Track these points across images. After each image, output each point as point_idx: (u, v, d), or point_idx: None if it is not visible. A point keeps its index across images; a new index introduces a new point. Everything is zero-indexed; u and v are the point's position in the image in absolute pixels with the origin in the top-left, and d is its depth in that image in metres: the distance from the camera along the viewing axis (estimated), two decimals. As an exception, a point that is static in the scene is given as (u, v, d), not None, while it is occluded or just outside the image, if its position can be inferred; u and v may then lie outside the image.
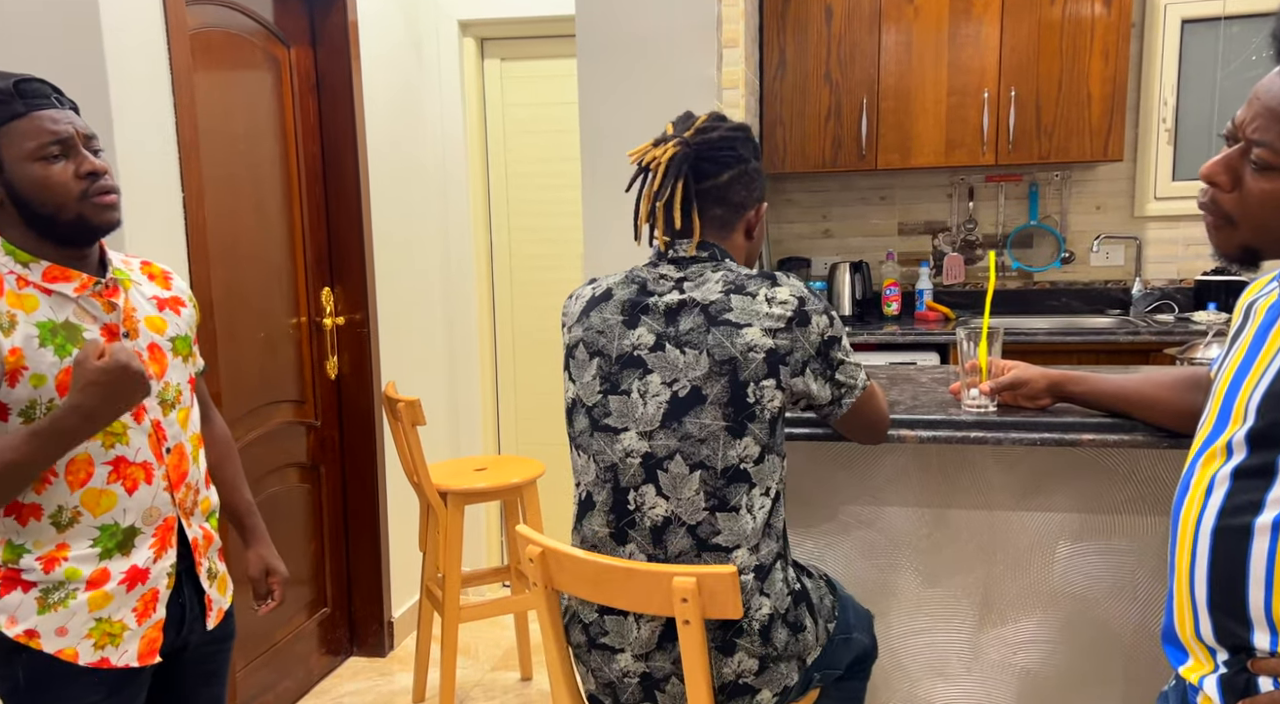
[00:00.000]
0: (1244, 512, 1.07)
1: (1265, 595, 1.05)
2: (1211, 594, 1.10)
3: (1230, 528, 1.08)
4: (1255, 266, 1.15)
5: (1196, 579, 1.11)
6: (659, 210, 1.50)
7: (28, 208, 1.37)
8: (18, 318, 1.35)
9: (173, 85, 2.28)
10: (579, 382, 1.51)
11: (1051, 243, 3.89)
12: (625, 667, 1.47)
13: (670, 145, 1.49)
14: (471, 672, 3.18)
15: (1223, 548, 1.08)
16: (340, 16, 3.03)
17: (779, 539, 1.48)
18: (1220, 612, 1.09)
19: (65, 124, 1.39)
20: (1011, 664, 1.91)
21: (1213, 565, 1.09)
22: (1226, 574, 1.08)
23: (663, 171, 1.48)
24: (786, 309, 1.43)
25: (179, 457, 1.53)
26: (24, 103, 1.36)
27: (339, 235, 3.13)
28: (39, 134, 1.36)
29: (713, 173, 1.51)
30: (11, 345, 1.33)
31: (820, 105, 3.66)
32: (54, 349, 1.37)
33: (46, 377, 1.36)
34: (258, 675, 2.79)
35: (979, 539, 1.88)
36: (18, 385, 1.34)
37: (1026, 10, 3.47)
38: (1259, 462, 1.06)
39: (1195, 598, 1.12)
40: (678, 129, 1.53)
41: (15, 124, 1.35)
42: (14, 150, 1.36)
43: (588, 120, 2.18)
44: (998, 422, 1.67)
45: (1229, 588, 1.08)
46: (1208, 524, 1.10)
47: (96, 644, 1.43)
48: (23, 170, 1.36)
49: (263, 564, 1.75)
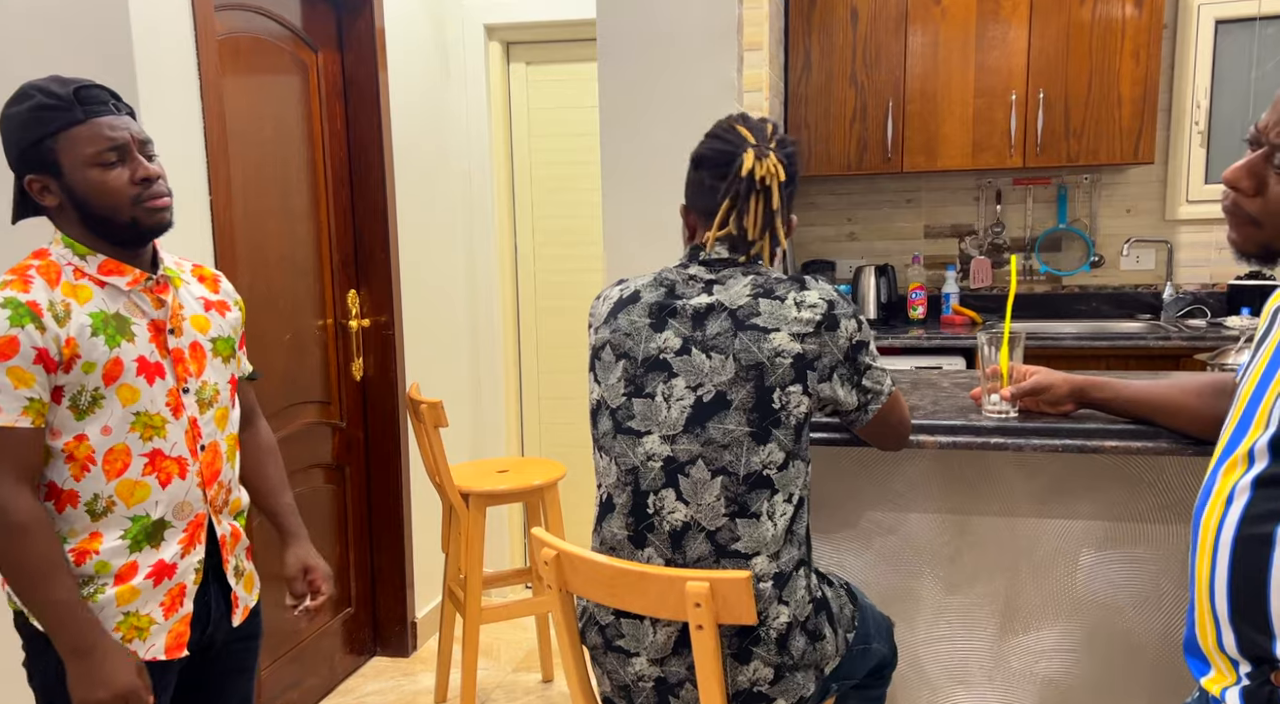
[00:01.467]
0: (1265, 520, 1.05)
1: None
2: (1233, 605, 1.08)
3: (1251, 537, 1.06)
4: (1275, 263, 1.14)
5: (1217, 590, 1.09)
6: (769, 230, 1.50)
7: (85, 209, 1.43)
8: (71, 307, 1.40)
9: (201, 90, 2.32)
10: (604, 383, 1.51)
11: (1080, 246, 3.85)
12: (640, 671, 1.47)
13: (774, 158, 1.48)
14: (493, 673, 3.19)
15: (1244, 557, 1.07)
16: (368, 21, 3.05)
17: (801, 546, 1.47)
18: (1242, 622, 1.08)
19: (122, 130, 1.44)
20: (1034, 673, 1.89)
21: (1233, 575, 1.08)
22: (1248, 584, 1.06)
23: (778, 190, 1.48)
24: (816, 313, 1.42)
25: (213, 454, 1.56)
26: (84, 109, 1.41)
27: (365, 238, 3.16)
28: (97, 141, 1.41)
29: (788, 185, 1.51)
30: (68, 335, 1.38)
31: (845, 107, 3.64)
32: (105, 339, 1.42)
33: (96, 365, 1.41)
34: (283, 673, 2.82)
35: (1001, 547, 1.86)
36: (72, 371, 1.40)
37: (1055, 11, 3.43)
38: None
39: (1216, 609, 1.10)
40: (759, 137, 1.50)
41: (75, 130, 1.40)
42: (73, 155, 1.41)
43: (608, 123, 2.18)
44: (1018, 428, 1.65)
45: (1251, 598, 1.06)
46: (1228, 533, 1.08)
47: (124, 638, 1.46)
48: (81, 175, 1.41)
49: (301, 563, 1.74)
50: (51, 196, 1.43)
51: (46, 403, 1.38)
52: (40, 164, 1.41)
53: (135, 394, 1.45)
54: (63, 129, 1.40)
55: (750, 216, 1.48)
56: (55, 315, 1.38)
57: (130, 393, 1.44)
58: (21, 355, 1.34)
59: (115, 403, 1.43)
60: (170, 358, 1.51)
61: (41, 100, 1.39)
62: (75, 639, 1.39)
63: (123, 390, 1.43)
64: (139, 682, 1.42)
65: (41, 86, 1.41)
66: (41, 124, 1.39)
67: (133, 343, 1.45)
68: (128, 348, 1.44)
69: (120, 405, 1.43)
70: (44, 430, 1.39)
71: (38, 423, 1.38)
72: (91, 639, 1.40)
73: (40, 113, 1.39)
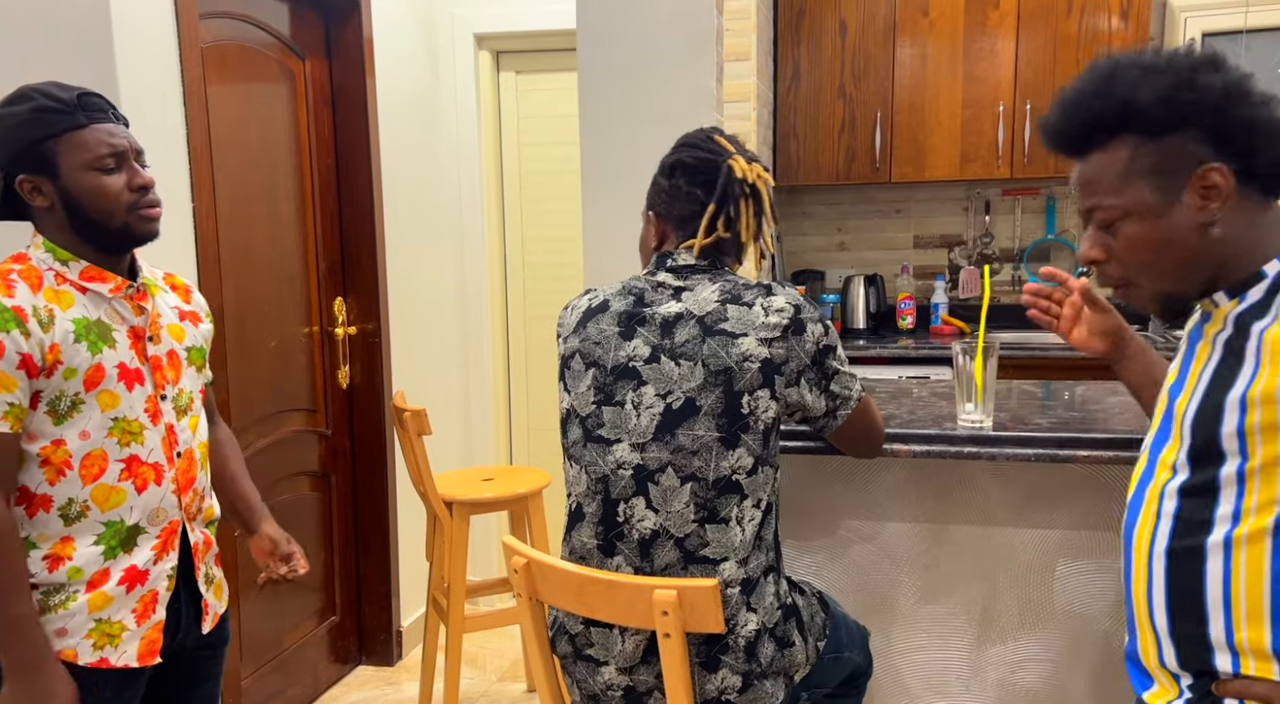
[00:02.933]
0: (1194, 532, 1.07)
1: (1225, 617, 1.04)
2: (1172, 622, 1.09)
3: (1183, 550, 1.07)
4: (1185, 314, 1.17)
5: (1155, 607, 1.11)
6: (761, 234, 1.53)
7: (78, 213, 1.44)
8: (55, 313, 1.41)
9: (184, 96, 2.32)
10: (574, 392, 1.51)
11: (1069, 257, 3.85)
12: (609, 680, 1.47)
13: (759, 165, 1.52)
14: (477, 682, 3.18)
15: (1178, 572, 1.08)
16: (356, 30, 3.06)
17: (770, 552, 1.47)
18: (1183, 638, 1.09)
19: (121, 138, 1.46)
20: (1011, 683, 1.89)
21: (1170, 591, 1.09)
22: (1185, 600, 1.08)
23: (767, 191, 1.52)
24: (782, 318, 1.43)
25: (188, 461, 1.57)
26: (86, 115, 1.43)
27: (352, 246, 3.16)
28: (97, 146, 1.43)
29: None
30: (52, 341, 1.39)
31: (834, 118, 3.65)
32: (87, 345, 1.43)
33: (77, 371, 1.41)
34: (266, 682, 2.81)
35: (978, 556, 1.86)
36: (53, 377, 1.40)
37: (1043, 23, 3.45)
38: (1201, 480, 1.07)
39: (1156, 626, 1.11)
40: (737, 147, 1.54)
41: (76, 134, 1.42)
42: (72, 158, 1.42)
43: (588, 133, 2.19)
44: (992, 437, 1.65)
45: (1189, 614, 1.08)
46: (1160, 546, 1.10)
47: (96, 645, 1.46)
48: (79, 178, 1.43)
49: (280, 534, 1.73)
50: (43, 198, 1.44)
51: (25, 408, 1.38)
52: (36, 165, 1.42)
53: (115, 400, 1.45)
54: (65, 132, 1.41)
55: (743, 220, 1.51)
56: (40, 321, 1.38)
57: (110, 398, 1.44)
58: (5, 360, 1.34)
59: (95, 408, 1.43)
60: (149, 365, 1.51)
61: (44, 102, 1.41)
62: (26, 655, 1.38)
63: (103, 396, 1.44)
64: (75, 701, 1.42)
65: (43, 90, 1.43)
66: (44, 125, 1.41)
67: (114, 349, 1.46)
68: (109, 354, 1.45)
69: (99, 411, 1.43)
70: (21, 436, 1.39)
71: (16, 428, 1.38)
72: (40, 655, 1.39)
73: (43, 115, 1.41)
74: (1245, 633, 1.03)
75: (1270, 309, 1.05)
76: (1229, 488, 1.04)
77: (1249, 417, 1.02)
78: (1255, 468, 1.02)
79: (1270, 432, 1.00)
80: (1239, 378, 1.04)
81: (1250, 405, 1.01)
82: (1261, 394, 1.01)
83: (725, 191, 1.49)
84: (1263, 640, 1.03)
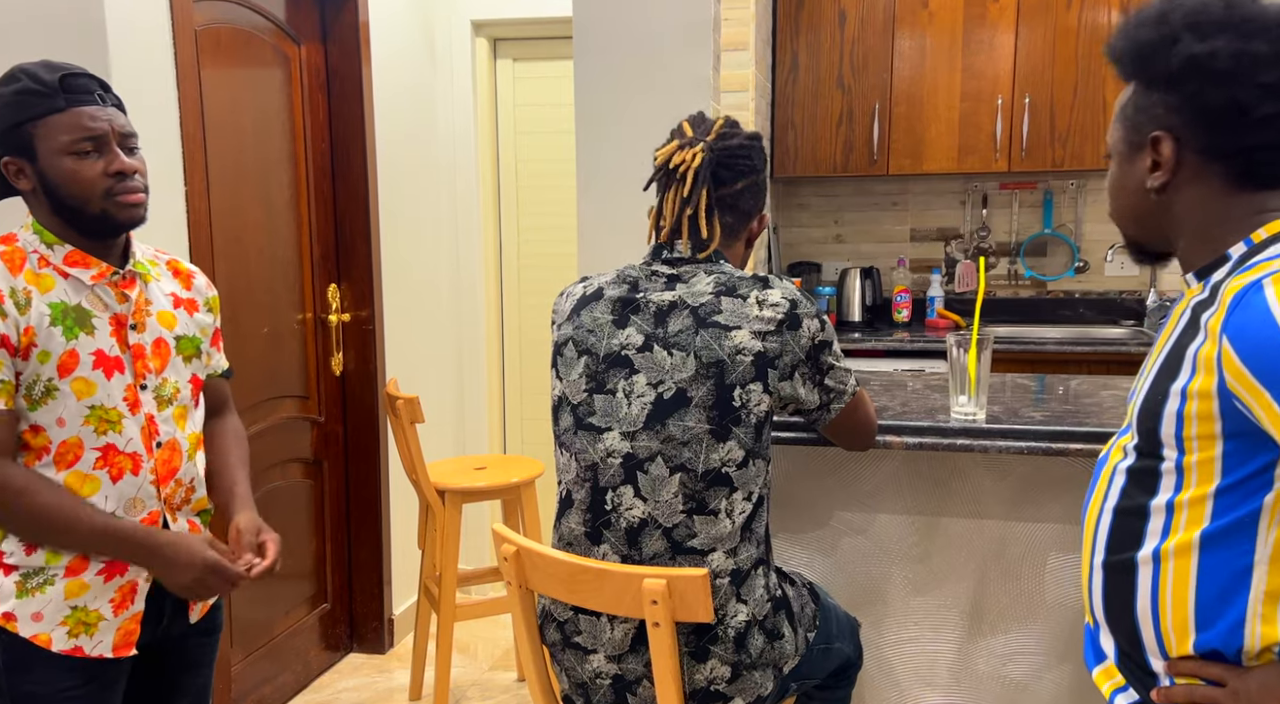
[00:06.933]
0: (1127, 546, 1.08)
1: (1154, 628, 1.06)
2: (1110, 624, 1.12)
3: (1118, 563, 1.09)
4: (1154, 261, 1.18)
5: (1095, 606, 1.14)
6: (685, 218, 1.48)
7: (56, 197, 1.43)
8: (33, 295, 1.40)
9: (177, 79, 2.31)
10: (566, 379, 1.51)
11: (1066, 251, 3.85)
12: (598, 668, 1.47)
13: (699, 149, 1.47)
14: (469, 670, 3.18)
15: (1113, 582, 1.10)
16: (352, 15, 3.04)
17: (760, 545, 1.47)
18: (1121, 640, 1.11)
19: (103, 121, 1.43)
20: (1001, 675, 1.89)
21: (1106, 599, 1.11)
22: (1119, 607, 1.10)
23: (692, 177, 1.47)
24: (777, 312, 1.42)
25: (171, 452, 1.54)
26: (66, 98, 1.41)
27: (346, 232, 3.15)
28: (74, 129, 1.41)
29: (729, 180, 1.50)
30: (28, 323, 1.38)
31: (832, 109, 3.64)
32: (63, 330, 1.41)
33: (51, 355, 1.40)
34: (256, 668, 2.81)
35: (969, 548, 1.86)
36: (29, 359, 1.39)
37: (1042, 16, 3.44)
38: (1144, 466, 1.08)
39: (1099, 622, 1.14)
40: (697, 131, 1.51)
41: (54, 118, 1.40)
42: (49, 143, 1.41)
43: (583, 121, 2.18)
44: (984, 430, 1.65)
45: (1123, 620, 1.10)
46: (1100, 556, 1.12)
47: (70, 632, 1.44)
48: (55, 162, 1.41)
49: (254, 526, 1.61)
50: (26, 181, 1.43)
51: (13, 385, 1.38)
52: (18, 147, 1.41)
53: (91, 388, 1.43)
54: (43, 116, 1.40)
55: (669, 205, 1.49)
56: (16, 303, 1.38)
57: (85, 386, 1.43)
58: None
59: (69, 396, 1.42)
60: (130, 353, 1.49)
61: (27, 84, 1.40)
62: (134, 547, 1.43)
63: (77, 383, 1.42)
64: (213, 553, 1.47)
65: (29, 71, 1.41)
66: (23, 108, 1.39)
67: (92, 336, 1.44)
68: (86, 341, 1.43)
69: (75, 398, 1.42)
70: (14, 413, 1.39)
71: (9, 404, 1.38)
72: (149, 538, 1.44)
73: (23, 97, 1.39)
74: (1174, 645, 1.05)
75: (1214, 303, 1.01)
76: (1169, 477, 1.05)
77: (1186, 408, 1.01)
78: (1192, 463, 1.02)
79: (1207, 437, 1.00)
80: (1179, 376, 1.02)
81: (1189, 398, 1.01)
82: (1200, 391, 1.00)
83: (661, 183, 1.52)
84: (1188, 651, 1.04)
